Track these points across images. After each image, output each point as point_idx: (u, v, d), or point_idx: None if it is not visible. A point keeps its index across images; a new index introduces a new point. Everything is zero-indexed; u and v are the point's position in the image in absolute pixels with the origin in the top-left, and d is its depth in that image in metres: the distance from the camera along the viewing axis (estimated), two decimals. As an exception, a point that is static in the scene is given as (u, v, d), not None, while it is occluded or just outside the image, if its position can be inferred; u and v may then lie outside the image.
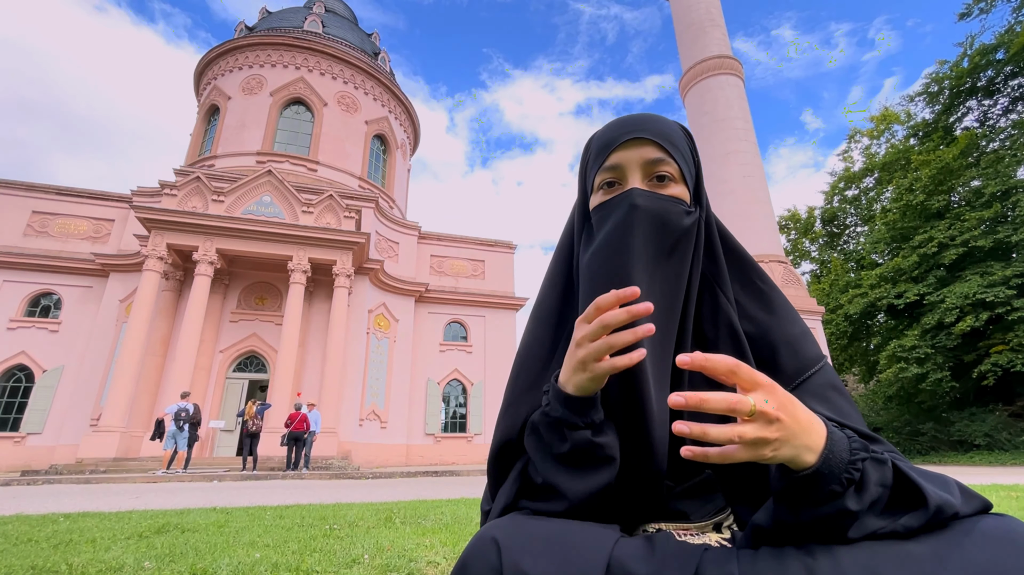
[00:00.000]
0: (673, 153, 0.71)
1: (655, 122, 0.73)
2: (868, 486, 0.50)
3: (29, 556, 2.45)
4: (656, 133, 0.71)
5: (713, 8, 26.37)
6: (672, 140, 0.72)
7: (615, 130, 0.73)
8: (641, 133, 0.71)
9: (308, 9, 25.37)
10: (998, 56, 18.29)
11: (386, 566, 2.16)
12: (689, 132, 0.77)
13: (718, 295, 0.72)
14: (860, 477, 0.49)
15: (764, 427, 0.46)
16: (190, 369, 13.63)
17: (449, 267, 21.20)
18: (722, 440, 0.46)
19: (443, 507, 4.43)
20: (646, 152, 0.71)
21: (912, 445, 18.88)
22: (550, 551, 0.52)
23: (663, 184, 0.71)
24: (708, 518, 0.66)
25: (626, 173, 0.72)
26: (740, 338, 0.70)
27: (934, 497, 0.49)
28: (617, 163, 0.72)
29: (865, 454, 0.50)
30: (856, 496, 0.49)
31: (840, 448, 0.50)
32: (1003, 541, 0.45)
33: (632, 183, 0.72)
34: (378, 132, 22.99)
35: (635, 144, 0.71)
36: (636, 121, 0.73)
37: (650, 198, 0.70)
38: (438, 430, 18.54)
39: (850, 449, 0.50)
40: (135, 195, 17.49)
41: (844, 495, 0.49)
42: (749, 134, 23.61)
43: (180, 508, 4.60)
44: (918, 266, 19.03)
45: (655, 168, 0.71)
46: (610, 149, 0.72)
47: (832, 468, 0.48)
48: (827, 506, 0.49)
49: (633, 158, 0.71)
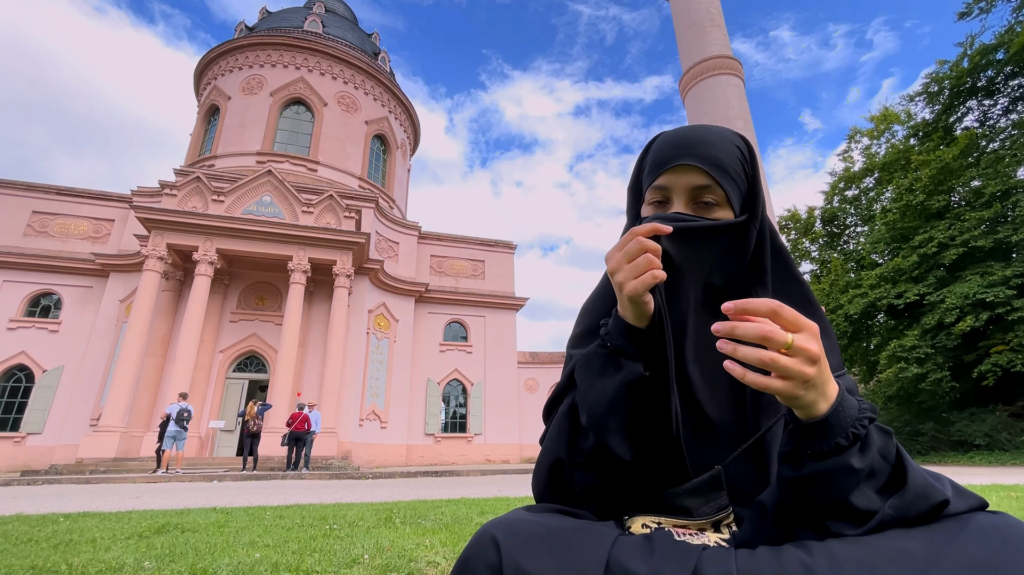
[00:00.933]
0: (720, 178, 0.72)
1: (706, 144, 0.73)
2: (871, 448, 0.52)
3: (29, 556, 2.45)
4: (704, 158, 0.72)
5: (713, 8, 26.37)
6: (721, 164, 0.72)
7: (667, 149, 0.75)
8: (689, 159, 0.72)
9: (308, 9, 25.38)
10: (998, 56, 18.29)
11: (386, 566, 2.16)
12: (746, 143, 0.77)
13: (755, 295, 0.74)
14: (865, 435, 0.52)
15: (804, 364, 0.49)
16: (190, 369, 13.63)
17: (449, 267, 21.21)
18: (753, 360, 0.49)
19: (443, 507, 4.43)
20: (693, 179, 0.72)
21: (912, 445, 18.87)
22: (549, 549, 0.53)
23: (708, 209, 0.73)
24: (708, 516, 0.66)
25: (672, 195, 0.75)
26: None
27: (917, 478, 0.52)
28: (665, 185, 0.75)
29: (873, 415, 0.54)
30: (859, 455, 0.51)
31: (849, 405, 0.53)
32: (998, 537, 0.46)
33: (676, 206, 0.74)
34: (378, 132, 23.00)
35: (683, 170, 0.73)
36: (689, 142, 0.74)
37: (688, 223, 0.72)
38: (438, 430, 18.55)
39: (859, 408, 0.53)
40: (135, 195, 17.49)
41: (848, 450, 0.51)
42: (749, 134, 23.61)
43: (180, 508, 4.60)
44: (918, 266, 19.03)
45: (701, 195, 0.73)
46: (661, 170, 0.74)
47: (840, 420, 0.51)
48: (830, 460, 0.51)
49: (681, 184, 0.73)
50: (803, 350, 0.49)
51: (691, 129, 0.76)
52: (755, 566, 0.49)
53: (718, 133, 0.76)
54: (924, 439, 18.61)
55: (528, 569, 0.51)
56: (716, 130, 0.76)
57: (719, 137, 0.75)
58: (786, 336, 0.49)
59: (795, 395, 0.50)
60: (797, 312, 0.51)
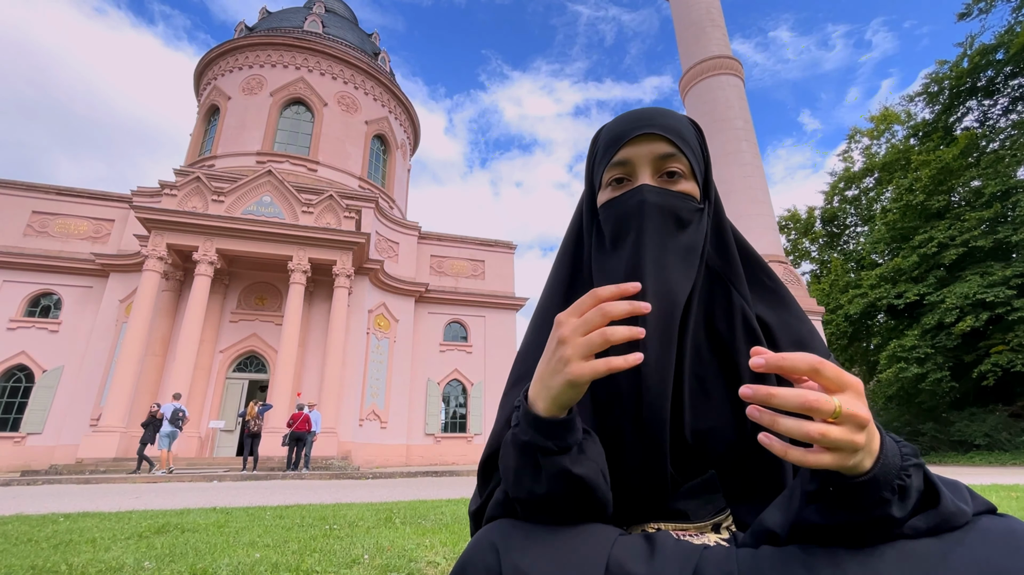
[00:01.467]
0: (684, 148, 0.69)
1: (665, 116, 0.71)
2: (911, 492, 0.47)
3: (29, 556, 2.45)
4: (667, 128, 0.69)
5: (713, 8, 26.36)
6: (683, 135, 0.70)
7: (624, 124, 0.71)
8: (651, 128, 0.69)
9: (308, 9, 25.38)
10: (998, 56, 18.29)
11: (386, 566, 2.16)
12: (698, 126, 0.75)
13: (731, 291, 0.71)
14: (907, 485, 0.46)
15: (854, 432, 0.42)
16: (190, 369, 13.63)
17: (449, 267, 21.20)
18: (797, 435, 0.42)
19: (443, 507, 4.43)
20: (656, 147, 0.69)
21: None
22: (549, 551, 0.52)
23: (673, 180, 0.70)
24: (708, 518, 0.65)
25: (636, 169, 0.70)
26: (757, 334, 0.68)
27: (949, 504, 0.48)
28: (626, 158, 0.70)
29: (915, 459, 0.47)
30: (901, 503, 0.46)
31: (892, 453, 0.46)
32: (1005, 540, 0.45)
33: (642, 179, 0.70)
34: (378, 132, 22.99)
35: (645, 139, 0.69)
36: (646, 115, 0.71)
37: (661, 195, 0.69)
38: (438, 430, 18.54)
39: (901, 454, 0.47)
40: (135, 195, 17.49)
41: (891, 502, 0.46)
42: (749, 134, 23.62)
43: (180, 508, 4.60)
44: (918, 266, 19.04)
45: (665, 164, 0.69)
46: (619, 144, 0.70)
47: (887, 474, 0.45)
48: (870, 512, 0.46)
49: (643, 154, 0.69)
50: (852, 417, 0.42)
51: (644, 107, 0.73)
52: (757, 568, 0.49)
53: (672, 111, 0.73)
54: (924, 439, 18.62)
55: (527, 570, 0.50)
56: (669, 109, 0.74)
57: (674, 113, 0.73)
58: (832, 402, 0.41)
59: (843, 466, 0.43)
60: (837, 367, 0.44)
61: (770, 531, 0.53)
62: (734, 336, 0.68)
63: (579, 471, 0.54)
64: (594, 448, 0.58)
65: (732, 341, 0.68)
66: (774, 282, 0.75)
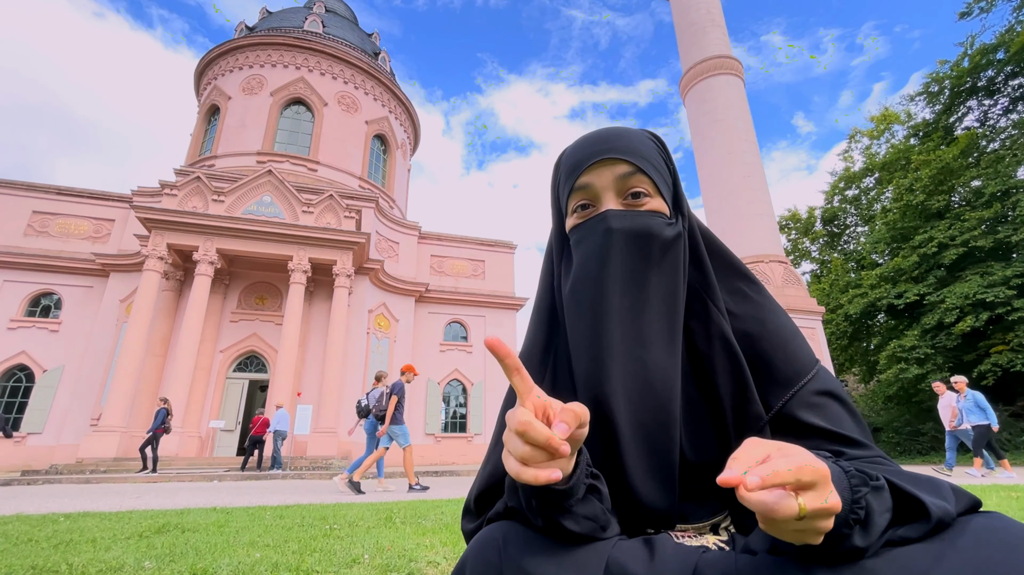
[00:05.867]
0: (644, 167, 0.68)
1: (622, 138, 0.69)
2: (873, 518, 0.46)
3: (29, 556, 2.45)
4: (625, 150, 0.68)
5: (713, 8, 26.35)
6: (642, 153, 0.69)
7: (582, 150, 0.70)
8: (610, 153, 0.68)
9: (308, 9, 25.38)
10: (998, 56, 18.27)
11: (386, 566, 2.16)
12: (660, 140, 0.74)
13: (708, 307, 0.69)
14: (865, 514, 0.46)
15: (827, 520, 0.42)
16: (190, 369, 13.64)
17: (449, 267, 21.20)
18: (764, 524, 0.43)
19: (443, 507, 4.43)
20: (617, 169, 0.68)
21: (912, 445, 18.86)
22: (549, 551, 0.53)
23: (639, 200, 0.69)
24: (706, 519, 0.66)
25: (599, 193, 0.69)
26: (735, 351, 0.67)
27: (936, 510, 0.48)
28: (588, 183, 0.69)
29: (865, 487, 0.47)
30: (863, 533, 0.46)
31: (840, 488, 0.45)
32: (995, 539, 0.45)
33: (606, 204, 0.69)
34: (378, 132, 22.99)
35: (605, 164, 0.68)
36: (602, 138, 0.70)
37: (626, 218, 0.68)
38: (438, 430, 18.55)
39: (850, 487, 0.46)
40: (135, 195, 17.49)
41: (851, 535, 0.45)
42: (749, 134, 23.61)
43: (180, 508, 4.60)
44: (918, 266, 19.03)
45: (628, 185, 0.68)
46: (579, 171, 0.69)
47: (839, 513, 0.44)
48: (836, 547, 0.46)
49: (604, 178, 0.68)
50: (818, 512, 0.40)
51: (601, 129, 0.72)
52: (755, 570, 0.49)
53: (630, 130, 0.72)
54: (924, 439, 18.60)
55: (528, 569, 0.51)
56: (627, 128, 0.72)
57: (632, 132, 0.71)
58: (794, 507, 0.40)
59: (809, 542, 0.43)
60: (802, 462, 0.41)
61: (754, 553, 0.53)
62: (712, 354, 0.67)
63: (575, 529, 0.53)
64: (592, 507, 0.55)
65: (711, 359, 0.67)
66: (754, 286, 0.74)
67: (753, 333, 0.69)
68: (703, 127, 24.01)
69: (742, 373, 0.65)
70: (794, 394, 0.65)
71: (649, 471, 0.62)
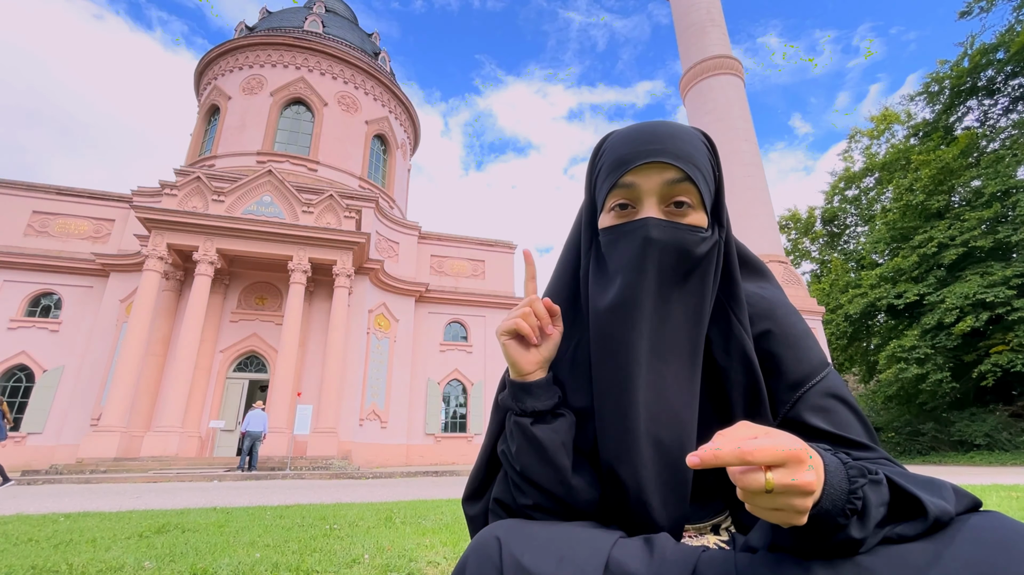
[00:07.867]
0: (694, 176, 0.63)
1: (675, 139, 0.64)
2: (870, 510, 0.47)
3: (29, 556, 2.45)
4: (677, 154, 0.63)
5: (713, 8, 26.36)
6: (694, 160, 0.64)
7: (630, 145, 0.65)
8: (660, 156, 0.62)
9: (308, 9, 25.37)
10: (998, 56, 18.27)
11: (386, 566, 2.16)
12: (711, 142, 0.69)
13: (732, 321, 0.67)
14: (862, 505, 0.47)
15: (801, 498, 0.43)
16: (190, 369, 13.63)
17: (449, 267, 21.19)
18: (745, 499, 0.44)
19: (443, 507, 4.43)
20: (665, 175, 0.63)
21: (912, 445, 18.87)
22: (550, 549, 0.53)
23: (681, 211, 0.64)
24: (707, 520, 0.66)
25: (641, 197, 0.65)
26: (753, 366, 0.66)
27: (934, 509, 0.48)
28: (632, 183, 0.64)
29: (863, 479, 0.47)
30: (860, 524, 0.46)
31: (838, 478, 0.46)
32: (992, 538, 0.45)
33: (647, 210, 0.64)
34: (378, 132, 22.98)
35: (653, 166, 0.63)
36: (655, 136, 0.64)
37: (667, 229, 0.64)
38: (438, 430, 18.54)
39: (848, 478, 0.47)
40: (135, 195, 17.49)
41: (848, 526, 0.46)
42: (749, 134, 23.62)
43: (180, 508, 4.60)
44: (918, 266, 19.04)
45: (673, 192, 0.64)
46: (625, 169, 0.64)
47: (834, 502, 0.45)
48: (831, 538, 0.47)
49: (651, 181, 0.64)
50: (788, 489, 0.42)
51: (655, 123, 0.67)
52: (754, 571, 0.49)
53: (683, 128, 0.66)
54: (924, 439, 18.61)
55: (528, 567, 0.51)
56: (680, 126, 0.67)
57: (685, 133, 0.66)
58: (760, 480, 0.41)
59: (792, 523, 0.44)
60: (771, 443, 0.42)
61: (754, 550, 0.54)
62: (730, 368, 0.67)
63: (539, 434, 0.65)
64: (562, 423, 0.67)
65: (728, 374, 0.67)
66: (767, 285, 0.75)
67: (764, 331, 0.69)
68: (703, 127, 24.02)
69: (758, 390, 0.65)
70: (801, 395, 0.65)
71: (661, 483, 0.62)
